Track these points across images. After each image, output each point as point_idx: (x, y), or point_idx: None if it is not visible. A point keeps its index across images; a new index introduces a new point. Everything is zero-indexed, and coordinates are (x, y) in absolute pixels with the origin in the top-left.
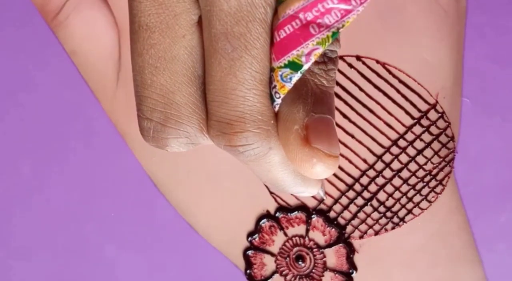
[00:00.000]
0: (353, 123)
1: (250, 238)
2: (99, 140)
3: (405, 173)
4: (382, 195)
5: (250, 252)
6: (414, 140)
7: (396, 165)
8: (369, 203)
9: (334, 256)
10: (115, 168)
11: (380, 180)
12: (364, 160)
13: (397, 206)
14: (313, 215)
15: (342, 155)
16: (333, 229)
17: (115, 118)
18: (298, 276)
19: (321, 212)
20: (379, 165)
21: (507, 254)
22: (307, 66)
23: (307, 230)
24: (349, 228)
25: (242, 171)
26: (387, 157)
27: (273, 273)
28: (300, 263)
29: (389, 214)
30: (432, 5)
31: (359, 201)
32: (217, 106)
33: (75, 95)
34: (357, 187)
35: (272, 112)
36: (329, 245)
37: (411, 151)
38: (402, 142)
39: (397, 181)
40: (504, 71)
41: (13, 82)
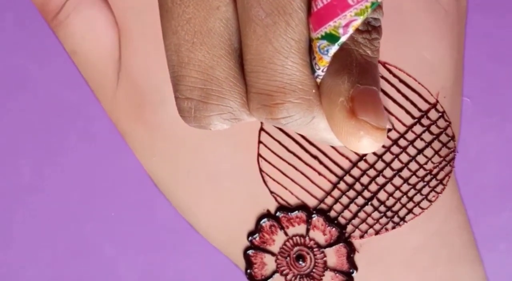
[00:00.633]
0: None
1: (250, 237)
2: (99, 140)
3: (405, 173)
4: (382, 195)
5: (250, 252)
6: (415, 139)
7: (396, 164)
8: (369, 203)
9: (334, 256)
10: (115, 168)
11: (381, 180)
12: (365, 160)
13: (398, 205)
14: (314, 215)
15: (342, 155)
16: (334, 229)
17: (115, 118)
18: (298, 276)
19: (321, 212)
20: (380, 165)
21: (507, 253)
22: (344, 38)
23: (308, 230)
24: (349, 228)
25: (242, 171)
26: (388, 157)
27: (273, 273)
28: (300, 262)
29: (389, 213)
30: (433, 4)
31: (360, 201)
32: (255, 77)
33: (75, 95)
34: (358, 186)
35: (313, 81)
36: (330, 245)
37: (411, 150)
38: (402, 142)
39: (397, 181)
40: (504, 70)
41: (13, 82)
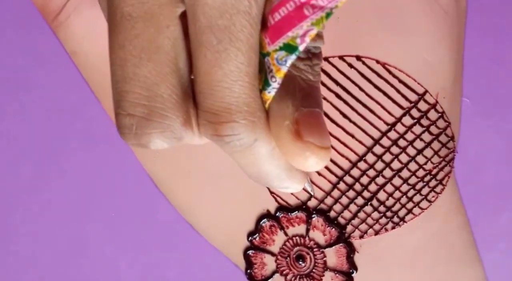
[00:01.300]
0: (353, 123)
1: (250, 237)
2: (99, 140)
3: (405, 173)
4: (382, 195)
5: (250, 252)
6: (414, 139)
7: (396, 164)
8: (369, 203)
9: (334, 256)
10: (115, 168)
11: (380, 180)
12: (365, 160)
13: (397, 205)
14: (314, 215)
15: (342, 155)
16: (333, 229)
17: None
18: (298, 276)
19: (321, 212)
20: (379, 165)
21: (507, 253)
22: (302, 47)
23: (308, 230)
24: (349, 228)
25: (242, 171)
26: (387, 157)
27: (273, 273)
28: (300, 262)
29: (389, 213)
30: (432, 5)
31: (359, 201)
32: (204, 97)
33: (75, 95)
34: (357, 186)
35: (259, 104)
36: (330, 245)
37: (411, 150)
38: (402, 142)
39: (397, 181)
40: (503, 71)
41: (13, 82)
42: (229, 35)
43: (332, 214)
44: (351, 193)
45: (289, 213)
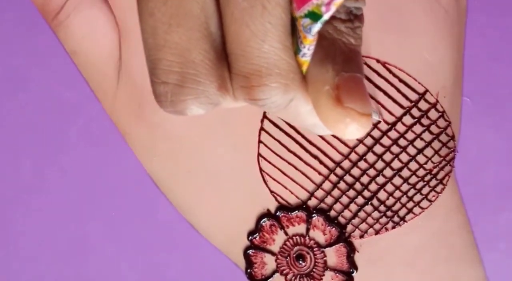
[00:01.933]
0: None
1: (250, 237)
2: (99, 140)
3: (405, 172)
4: (382, 194)
5: (250, 251)
6: (415, 139)
7: (396, 164)
8: (369, 202)
9: (334, 256)
10: (115, 168)
11: (381, 179)
12: (365, 159)
13: (398, 205)
14: (314, 214)
15: (342, 154)
16: (334, 228)
17: (115, 118)
18: (298, 276)
19: (321, 211)
20: (380, 164)
21: (507, 253)
22: (327, 16)
23: (308, 229)
24: (349, 227)
25: (242, 171)
26: (388, 156)
27: (273, 272)
28: (300, 262)
29: (389, 213)
30: (433, 4)
31: (360, 200)
32: (234, 58)
33: (75, 95)
34: (358, 186)
35: (292, 65)
36: (330, 244)
37: (411, 150)
38: (402, 141)
39: (397, 180)
40: (504, 70)
41: (13, 82)
42: None
43: (333, 213)
44: (351, 193)
45: (289, 213)
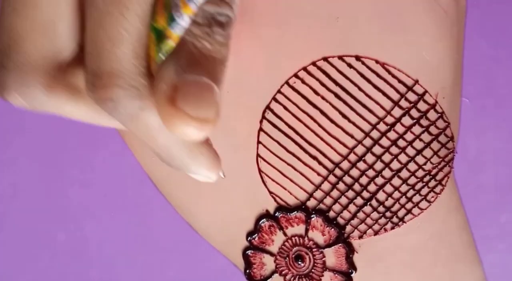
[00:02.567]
0: (353, 123)
1: (249, 237)
2: (98, 140)
3: (404, 173)
4: (381, 195)
5: (249, 252)
6: (414, 140)
7: (395, 165)
8: (368, 203)
9: (333, 256)
10: (114, 168)
11: (380, 180)
12: (364, 160)
13: (397, 206)
14: (313, 215)
15: (341, 155)
16: (333, 229)
17: None
18: (297, 276)
19: (320, 212)
20: (379, 165)
21: (506, 254)
22: None
23: (307, 230)
24: (348, 228)
25: (241, 171)
26: (387, 157)
27: (272, 273)
28: (299, 263)
29: (388, 214)
30: (432, 5)
31: (359, 201)
32: (89, 58)
33: None
34: (357, 187)
35: (144, 74)
36: (329, 245)
37: (410, 151)
38: (401, 142)
39: (396, 181)
40: (503, 71)
41: None
42: None
43: (331, 214)
44: (350, 193)
45: (288, 213)
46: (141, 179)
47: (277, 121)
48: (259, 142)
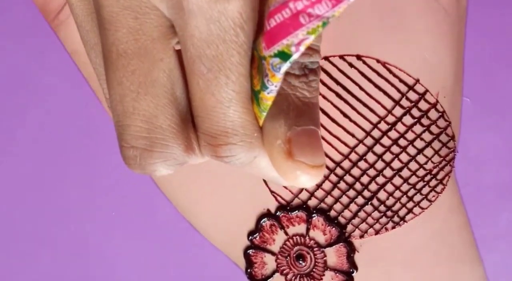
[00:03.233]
0: (354, 122)
1: (250, 237)
2: (100, 140)
3: (405, 172)
4: (382, 194)
5: (250, 251)
6: (415, 139)
7: (396, 164)
8: (369, 202)
9: (334, 255)
10: (116, 168)
11: (381, 179)
12: (365, 159)
13: (398, 205)
14: (314, 214)
15: (342, 154)
16: (334, 228)
17: None
18: (298, 275)
19: (321, 211)
20: (380, 164)
21: (507, 253)
22: (296, 56)
23: (308, 229)
24: (349, 227)
25: (242, 171)
26: (388, 156)
27: (273, 272)
28: (300, 262)
29: (389, 213)
30: (433, 4)
31: (360, 200)
32: (201, 121)
33: (76, 94)
34: (358, 186)
35: (255, 125)
36: (330, 244)
37: (411, 150)
38: (402, 141)
39: (397, 180)
40: (504, 70)
41: (14, 82)
42: (218, 64)
43: (333, 213)
44: (351, 193)
45: (289, 213)
46: (142, 178)
47: None
48: None
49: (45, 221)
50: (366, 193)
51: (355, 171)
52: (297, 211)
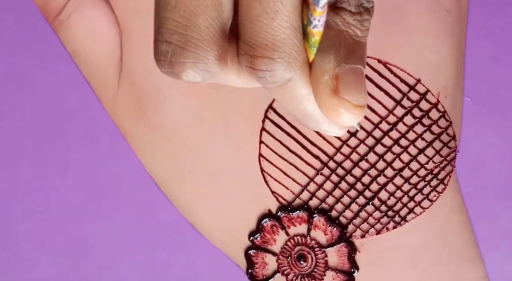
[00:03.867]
0: None
1: (251, 237)
2: (100, 140)
3: (406, 172)
4: (383, 194)
5: (251, 252)
6: (416, 139)
7: (397, 164)
8: (370, 202)
9: (335, 256)
10: (116, 168)
11: (382, 179)
12: (366, 159)
13: (399, 205)
14: (315, 215)
15: (343, 154)
16: (335, 229)
17: (116, 118)
18: (299, 276)
19: (322, 211)
20: (381, 164)
21: (508, 253)
22: None
23: (309, 230)
24: (350, 227)
25: (244, 171)
26: (389, 156)
27: (274, 273)
28: (301, 262)
29: (390, 213)
30: (434, 4)
31: (361, 200)
32: (243, 29)
33: (76, 95)
34: (359, 186)
35: (297, 46)
36: (331, 245)
37: (412, 150)
38: (403, 141)
39: (398, 180)
40: (505, 70)
41: (14, 82)
42: None
43: (334, 213)
44: (352, 193)
45: (290, 213)
46: (143, 179)
47: (279, 120)
48: (261, 141)
49: (45, 221)
50: (367, 193)
51: (356, 171)
52: (298, 212)
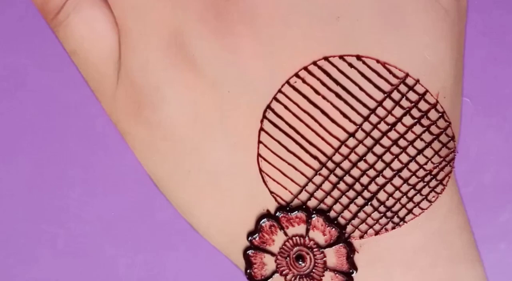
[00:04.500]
0: (353, 122)
1: (250, 237)
2: (99, 140)
3: (405, 173)
4: (382, 195)
5: (250, 252)
6: (414, 139)
7: (396, 164)
8: (369, 203)
9: (334, 256)
10: (115, 168)
11: (381, 180)
12: (365, 160)
13: (397, 206)
14: (313, 215)
15: (342, 155)
16: (333, 229)
17: (115, 118)
18: (298, 276)
19: (321, 212)
20: (380, 165)
21: (507, 253)
22: None
23: (307, 230)
24: (349, 228)
25: (242, 171)
26: (388, 157)
27: (273, 273)
28: (300, 262)
29: (389, 214)
30: (433, 4)
31: (359, 201)
32: None
33: (75, 95)
34: (358, 186)
35: None
36: (329, 245)
37: (411, 150)
38: (402, 142)
39: (397, 181)
40: (505, 70)
41: (12, 82)
42: None
43: (332, 214)
44: (351, 193)
45: (289, 213)
46: (142, 178)
47: (278, 120)
48: (260, 141)
49: (44, 221)
50: (366, 194)
51: (355, 172)
52: (296, 212)
